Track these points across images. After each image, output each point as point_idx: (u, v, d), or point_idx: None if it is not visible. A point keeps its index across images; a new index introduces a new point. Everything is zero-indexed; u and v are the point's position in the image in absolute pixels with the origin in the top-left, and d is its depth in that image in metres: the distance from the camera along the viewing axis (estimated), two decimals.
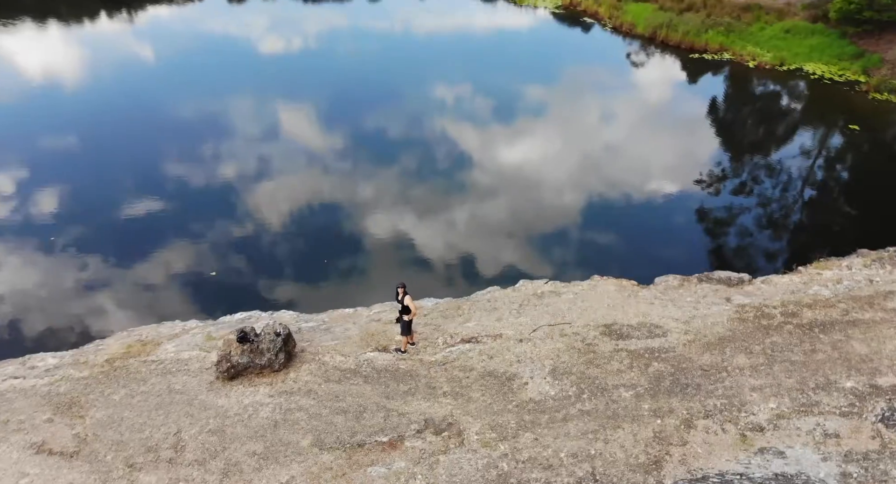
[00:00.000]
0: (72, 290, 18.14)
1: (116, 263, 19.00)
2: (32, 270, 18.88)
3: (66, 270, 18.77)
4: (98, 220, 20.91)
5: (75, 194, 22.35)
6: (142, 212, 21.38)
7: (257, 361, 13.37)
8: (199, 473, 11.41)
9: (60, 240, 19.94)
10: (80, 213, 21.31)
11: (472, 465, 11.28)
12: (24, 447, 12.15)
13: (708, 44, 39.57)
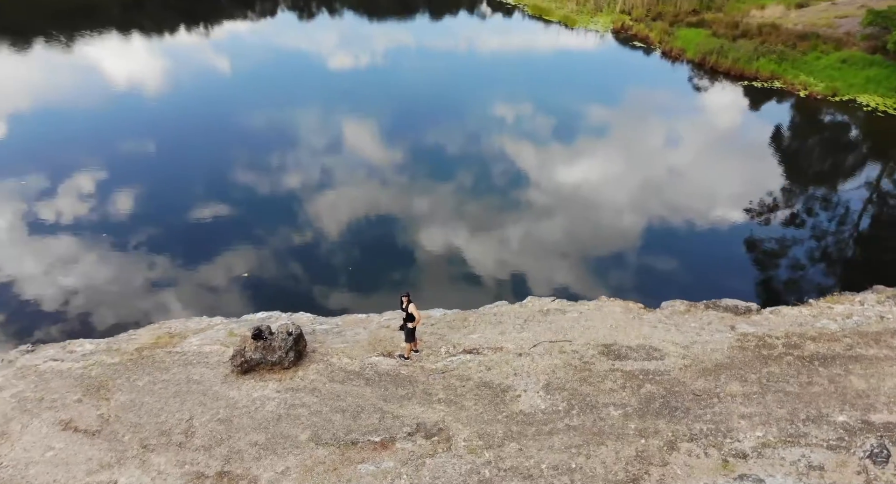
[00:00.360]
0: (118, 283, 19.46)
1: (161, 260, 20.29)
2: (88, 263, 20.33)
3: (117, 265, 20.16)
4: (155, 220, 22.39)
5: (141, 195, 23.97)
6: (197, 214, 22.78)
7: (269, 358, 14.19)
8: (204, 457, 12.25)
9: (116, 237, 21.39)
10: (140, 213, 22.90)
11: (455, 469, 11.76)
12: (53, 423, 13.26)
13: (758, 71, 39.04)
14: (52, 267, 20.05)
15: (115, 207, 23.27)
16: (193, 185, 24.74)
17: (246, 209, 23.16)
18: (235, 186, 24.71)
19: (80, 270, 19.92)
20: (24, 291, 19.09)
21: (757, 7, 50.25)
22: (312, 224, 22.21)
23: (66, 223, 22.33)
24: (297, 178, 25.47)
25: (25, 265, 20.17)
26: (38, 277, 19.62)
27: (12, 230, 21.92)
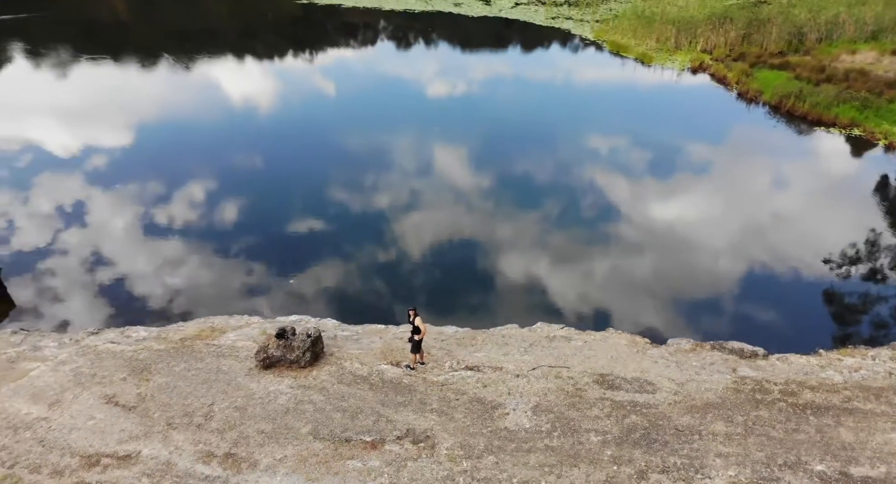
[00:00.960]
0: (183, 279, 21.47)
1: (227, 263, 22.19)
2: (162, 259, 22.53)
3: (186, 263, 22.24)
4: (234, 226, 24.60)
5: (232, 203, 26.25)
6: (273, 223, 24.67)
7: (288, 356, 15.54)
8: (216, 439, 13.65)
9: (193, 239, 23.60)
10: (223, 219, 25.16)
11: (433, 474, 12.60)
12: (98, 397, 15.08)
13: (837, 117, 37.69)
14: (133, 261, 22.33)
15: (204, 213, 25.57)
16: (282, 197, 26.86)
17: (319, 222, 24.89)
18: (317, 201, 26.58)
19: (156, 265, 22.09)
20: (104, 280, 21.41)
21: (848, 52, 48.38)
22: (369, 240, 23.51)
23: (157, 224, 24.75)
24: (374, 198, 27.01)
25: (113, 258, 22.56)
26: (119, 269, 21.92)
27: (112, 227, 24.54)
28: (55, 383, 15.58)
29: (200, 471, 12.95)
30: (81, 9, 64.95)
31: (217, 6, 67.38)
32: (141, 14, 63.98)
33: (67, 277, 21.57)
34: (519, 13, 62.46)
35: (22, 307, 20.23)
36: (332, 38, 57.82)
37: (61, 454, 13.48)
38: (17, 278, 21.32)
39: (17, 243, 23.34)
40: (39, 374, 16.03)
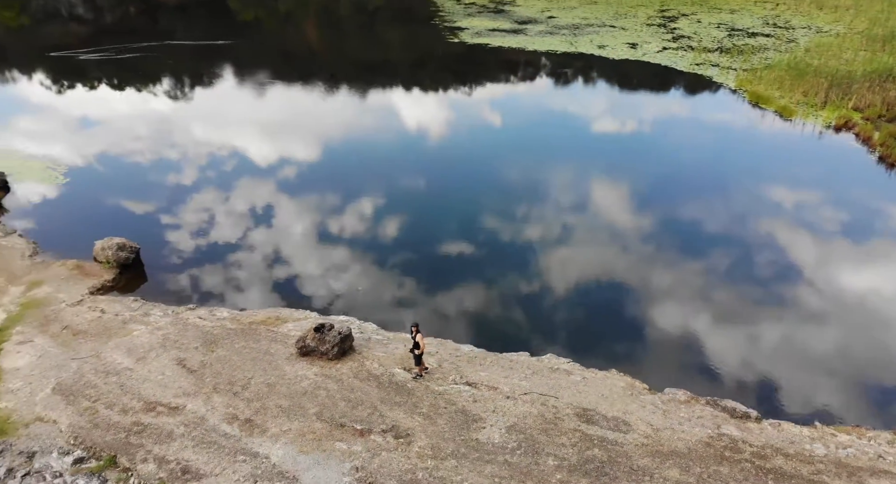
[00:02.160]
0: (279, 272, 24.72)
1: (321, 265, 25.18)
2: (270, 255, 26.08)
3: (289, 262, 25.54)
4: (352, 234, 27.57)
5: (367, 215, 29.36)
6: (390, 236, 27.33)
7: (320, 348, 17.94)
8: (244, 406, 16.30)
9: (309, 241, 27.05)
10: (348, 228, 28.20)
11: (399, 466, 14.28)
12: (172, 359, 18.39)
13: None
14: (252, 254, 25.99)
15: (341, 222, 28.75)
16: (416, 216, 29.26)
17: (432, 242, 26.76)
18: (450, 224, 28.43)
19: (267, 259, 25.57)
20: (220, 266, 25.20)
21: None
22: (459, 265, 25.10)
23: (291, 225, 28.27)
24: (496, 226, 28.30)
25: (236, 250, 26.43)
26: (237, 259, 25.64)
27: (253, 224, 28.64)
28: (147, 344, 19.18)
29: (223, 429, 15.61)
30: (281, 37, 73.37)
31: (392, 39, 73.17)
32: (330, 44, 71.12)
33: (192, 262, 25.63)
34: (663, 57, 61.76)
35: (151, 281, 24.50)
36: (493, 73, 60.42)
37: (131, 398, 16.82)
38: (154, 258, 25.72)
39: (164, 229, 28.01)
40: (139, 335, 19.75)
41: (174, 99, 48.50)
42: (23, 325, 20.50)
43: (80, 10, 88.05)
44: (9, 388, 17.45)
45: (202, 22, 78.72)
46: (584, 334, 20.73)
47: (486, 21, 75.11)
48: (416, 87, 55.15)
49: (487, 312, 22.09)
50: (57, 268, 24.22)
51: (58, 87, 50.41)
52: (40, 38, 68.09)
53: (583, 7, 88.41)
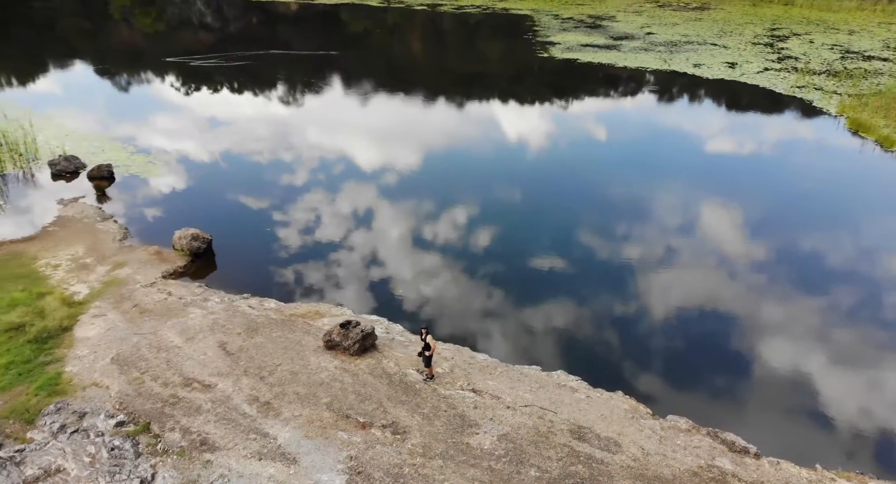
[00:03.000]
0: (327, 272, 26.22)
1: (368, 268, 26.55)
2: (330, 253, 27.70)
3: (345, 261, 27.04)
4: (419, 241, 28.98)
5: (448, 223, 30.97)
6: (465, 248, 28.11)
7: (343, 343, 19.05)
8: (266, 390, 17.65)
9: (373, 244, 28.61)
10: (418, 234, 29.76)
11: (388, 459, 15.06)
12: (216, 341, 20.09)
13: None
14: (318, 252, 27.72)
15: (403, 227, 30.04)
16: (488, 228, 29.80)
17: (489, 256, 27.24)
18: (516, 237, 28.80)
19: (330, 257, 27.22)
20: (282, 260, 27.03)
21: None
22: (500, 276, 25.57)
23: (368, 229, 29.87)
24: (558, 244, 28.16)
25: (303, 247, 28.29)
26: (301, 255, 27.42)
27: (327, 225, 30.57)
28: (198, 326, 21.04)
29: (243, 408, 17.00)
30: (386, 49, 76.18)
31: (490, 52, 74.32)
32: (431, 56, 73.38)
33: (258, 255, 27.61)
34: (762, 79, 59.10)
35: (219, 270, 26.62)
36: (591, 87, 60.12)
37: (173, 373, 18.59)
38: (226, 249, 27.88)
39: (239, 223, 30.29)
40: (194, 317, 21.68)
41: (273, 104, 51.80)
42: (101, 300, 22.98)
43: (209, 19, 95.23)
44: (77, 354, 19.74)
45: (316, 33, 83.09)
46: (601, 355, 20.68)
47: (580, 36, 74.73)
48: (502, 100, 55.91)
49: (510, 325, 22.44)
50: (140, 252, 26.84)
51: (170, 90, 55.11)
52: (172, 43, 74.43)
53: (686, 24, 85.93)
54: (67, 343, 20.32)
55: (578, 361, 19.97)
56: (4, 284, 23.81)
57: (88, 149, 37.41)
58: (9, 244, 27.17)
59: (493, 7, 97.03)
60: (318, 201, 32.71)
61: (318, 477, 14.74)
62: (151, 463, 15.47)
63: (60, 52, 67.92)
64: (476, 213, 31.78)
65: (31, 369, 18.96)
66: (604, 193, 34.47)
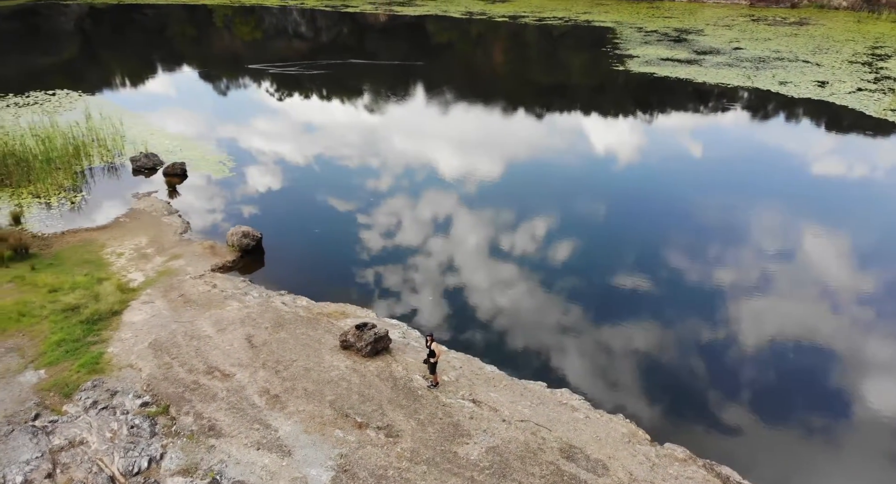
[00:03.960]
0: (362, 274, 26.83)
1: (404, 274, 27.04)
2: (389, 257, 28.46)
3: (377, 267, 27.70)
4: (468, 249, 29.54)
5: (488, 230, 31.52)
6: (482, 257, 28.92)
7: (356, 344, 19.54)
8: (278, 383, 18.38)
9: (439, 251, 29.26)
10: (466, 244, 30.33)
11: (375, 460, 15.38)
12: (243, 334, 21.09)
13: None
14: (353, 255, 28.60)
15: (450, 236, 30.70)
16: (541, 243, 29.66)
17: (532, 271, 27.00)
18: (564, 254, 28.53)
19: (362, 261, 27.99)
20: (326, 261, 27.99)
21: None
22: (536, 294, 25.52)
23: (403, 236, 30.63)
24: (610, 265, 27.34)
25: (351, 249, 29.20)
26: (346, 257, 28.32)
27: (368, 231, 31.58)
28: (231, 318, 22.15)
29: (254, 400, 17.79)
30: (468, 60, 76.94)
31: (573, 63, 73.64)
32: (512, 67, 73.49)
33: (303, 255, 28.73)
34: (853, 99, 55.40)
35: (266, 267, 27.86)
36: (680, 102, 58.30)
37: (199, 361, 19.68)
38: (275, 247, 29.13)
39: (293, 224, 31.57)
40: (230, 310, 22.83)
41: (345, 111, 53.50)
42: (152, 288, 24.60)
43: (303, 28, 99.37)
44: (121, 337, 21.24)
45: (402, 43, 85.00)
46: (609, 377, 20.11)
47: (661, 50, 72.65)
48: (577, 113, 55.05)
49: (526, 339, 22.23)
50: (195, 246, 28.51)
51: (250, 95, 57.94)
52: (267, 51, 78.18)
53: (779, 39, 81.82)
54: (115, 326, 21.91)
55: (586, 381, 19.55)
56: (73, 268, 25.97)
57: (168, 147, 40.07)
58: (84, 232, 29.56)
59: (575, 19, 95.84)
60: (371, 207, 33.50)
61: (308, 471, 15.23)
62: (163, 443, 16.47)
63: (165, 56, 73.00)
64: (535, 226, 31.56)
65: (78, 348, 20.58)
66: (664, 212, 33.45)
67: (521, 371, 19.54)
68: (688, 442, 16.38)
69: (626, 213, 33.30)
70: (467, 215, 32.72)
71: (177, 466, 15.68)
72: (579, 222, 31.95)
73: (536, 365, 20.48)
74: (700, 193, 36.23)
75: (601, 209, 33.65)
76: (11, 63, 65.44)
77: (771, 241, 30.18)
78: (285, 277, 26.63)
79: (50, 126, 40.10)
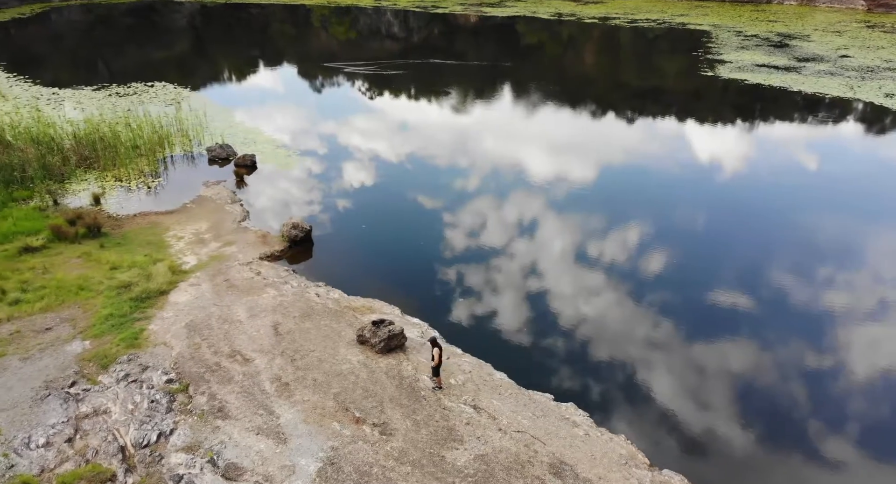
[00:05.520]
0: (399, 270, 26.94)
1: (434, 275, 27.04)
2: (431, 257, 28.67)
3: (414, 265, 27.81)
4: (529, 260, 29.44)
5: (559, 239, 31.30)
6: (532, 264, 28.67)
7: (371, 340, 19.68)
8: (291, 371, 18.82)
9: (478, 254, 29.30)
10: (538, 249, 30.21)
11: (363, 457, 15.44)
12: (271, 321, 21.75)
13: None
14: (396, 252, 28.90)
15: (506, 240, 30.71)
16: (598, 257, 29.09)
17: (580, 286, 26.17)
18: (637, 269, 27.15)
19: (404, 259, 28.21)
20: (369, 257, 28.41)
21: None
22: (578, 310, 24.83)
23: (455, 239, 30.98)
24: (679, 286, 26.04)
25: (389, 247, 29.58)
26: (382, 254, 28.69)
27: (418, 230, 31.85)
28: (265, 305, 22.89)
29: (265, 386, 18.31)
30: (559, 61, 75.72)
31: (667, 68, 70.85)
32: (604, 69, 71.71)
33: (349, 249, 29.26)
34: None
35: (312, 258, 28.58)
36: (783, 112, 55.08)
37: (226, 344, 20.47)
38: (324, 239, 29.87)
39: (347, 218, 32.23)
40: (266, 297, 23.60)
41: (418, 111, 53.98)
42: (202, 271, 25.82)
43: (396, 29, 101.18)
44: (162, 315, 22.43)
45: (491, 44, 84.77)
46: (622, 396, 19.14)
47: (758, 55, 68.48)
48: (692, 119, 52.75)
49: (544, 350, 21.58)
50: (249, 234, 29.67)
51: (326, 93, 59.54)
52: (361, 50, 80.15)
53: (893, 48, 75.05)
54: (160, 305, 23.16)
55: (594, 398, 18.75)
56: (136, 248, 27.69)
57: (242, 139, 41.96)
58: (153, 215, 31.47)
59: (669, 21, 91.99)
60: (426, 208, 33.58)
61: (297, 460, 15.49)
62: (175, 420, 17.25)
63: (262, 54, 76.46)
64: (594, 234, 30.62)
65: (123, 322, 21.92)
66: (731, 224, 31.63)
67: (532, 381, 18.95)
68: (689, 470, 15.35)
69: (693, 227, 31.68)
70: (521, 221, 32.19)
71: (182, 442, 16.37)
72: (639, 233, 30.68)
73: (548, 376, 19.84)
74: (782, 209, 33.89)
75: (667, 221, 32.14)
76: (129, 55, 70.60)
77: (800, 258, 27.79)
78: (326, 270, 27.22)
79: (143, 115, 42.96)
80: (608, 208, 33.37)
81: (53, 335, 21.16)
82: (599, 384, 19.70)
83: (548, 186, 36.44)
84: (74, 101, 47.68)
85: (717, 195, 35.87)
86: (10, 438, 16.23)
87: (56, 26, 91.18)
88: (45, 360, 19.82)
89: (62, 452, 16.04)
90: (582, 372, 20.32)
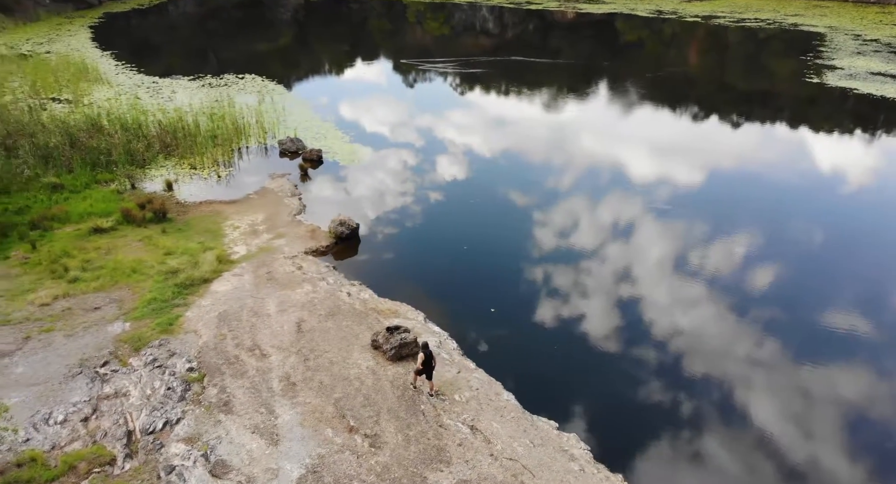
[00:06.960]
0: (437, 277, 26.45)
1: (471, 285, 26.40)
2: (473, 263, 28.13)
3: (455, 272, 27.24)
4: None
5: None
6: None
7: (383, 346, 19.38)
8: (301, 371, 18.86)
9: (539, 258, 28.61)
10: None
11: (346, 469, 15.17)
12: (296, 318, 21.93)
13: None
14: (442, 255, 28.50)
15: (564, 252, 29.90)
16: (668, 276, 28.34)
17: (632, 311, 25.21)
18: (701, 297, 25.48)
19: (447, 263, 27.74)
20: (406, 260, 28.16)
21: None
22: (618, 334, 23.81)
23: (509, 246, 30.16)
24: None
25: (436, 250, 29.21)
26: (428, 258, 28.37)
27: (472, 236, 31.35)
28: (295, 301, 23.13)
29: (273, 385, 18.44)
30: (660, 60, 71.61)
31: (780, 69, 65.80)
32: (708, 70, 67.72)
33: (394, 249, 29.10)
34: None
35: (356, 256, 28.65)
36: (834, 120, 50.28)
37: (249, 337, 20.83)
38: (371, 238, 29.91)
39: (400, 218, 32.09)
40: (300, 293, 23.84)
41: (496, 111, 52.95)
42: (248, 262, 26.48)
43: (490, 25, 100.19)
44: (200, 304, 23.15)
45: (587, 42, 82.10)
46: (629, 434, 17.69)
47: (875, 63, 62.06)
48: (804, 126, 49.25)
49: (563, 376, 20.35)
50: (301, 228, 30.15)
51: (401, 89, 59.57)
52: (455, 46, 79.95)
53: None
54: (201, 293, 23.93)
55: (600, 431, 17.43)
56: (194, 236, 28.81)
57: (314, 134, 42.76)
58: (217, 204, 32.66)
59: (780, 22, 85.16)
60: (482, 215, 32.47)
61: (283, 464, 15.43)
62: (184, 409, 17.69)
63: (357, 48, 77.92)
64: (677, 253, 28.77)
65: (164, 307, 22.80)
66: None
67: (539, 406, 17.91)
68: None
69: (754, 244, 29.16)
70: (585, 237, 30.75)
71: (185, 433, 16.74)
72: (734, 253, 28.58)
73: (558, 403, 18.66)
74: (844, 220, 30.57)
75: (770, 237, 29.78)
76: (237, 47, 73.91)
77: None
78: (365, 269, 27.21)
79: (227, 106, 44.77)
80: (684, 225, 31.31)
81: (100, 315, 22.32)
82: (609, 418, 18.38)
83: (623, 196, 34.70)
84: (170, 91, 50.43)
85: (829, 210, 32.81)
86: (33, 413, 17.21)
87: (172, 17, 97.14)
88: (86, 338, 20.93)
89: (75, 431, 16.82)
90: (594, 404, 18.99)
